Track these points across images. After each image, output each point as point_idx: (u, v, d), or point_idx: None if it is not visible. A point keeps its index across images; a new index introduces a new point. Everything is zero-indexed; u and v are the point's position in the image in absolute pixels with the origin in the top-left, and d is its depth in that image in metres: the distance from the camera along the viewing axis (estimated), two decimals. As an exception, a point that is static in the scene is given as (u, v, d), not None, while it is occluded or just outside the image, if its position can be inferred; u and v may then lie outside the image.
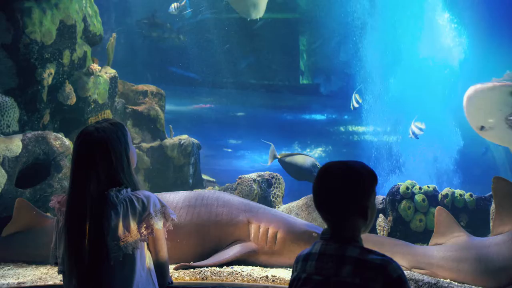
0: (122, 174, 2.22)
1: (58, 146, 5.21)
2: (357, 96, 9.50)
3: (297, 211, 5.66)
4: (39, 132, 5.23)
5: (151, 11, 11.32)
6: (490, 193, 5.41)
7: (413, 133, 8.96)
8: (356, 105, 9.51)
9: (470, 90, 3.78)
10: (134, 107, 7.76)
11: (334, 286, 1.73)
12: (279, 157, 7.27)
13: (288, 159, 7.28)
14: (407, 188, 5.54)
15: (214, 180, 8.45)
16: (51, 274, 3.93)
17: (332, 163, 1.88)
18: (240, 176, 6.36)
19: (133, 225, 2.15)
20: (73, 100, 6.05)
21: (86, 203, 2.11)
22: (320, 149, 14.47)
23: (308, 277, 1.80)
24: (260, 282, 3.68)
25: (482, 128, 4.04)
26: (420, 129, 8.91)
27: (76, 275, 2.12)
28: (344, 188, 1.80)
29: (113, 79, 6.81)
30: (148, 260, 2.23)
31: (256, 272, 3.87)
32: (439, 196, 5.51)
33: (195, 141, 7.82)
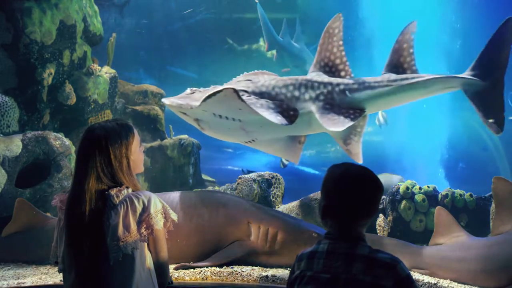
0: (122, 174, 2.22)
1: (58, 146, 5.21)
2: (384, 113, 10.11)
3: (297, 211, 5.66)
4: (39, 132, 5.23)
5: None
6: (490, 193, 5.41)
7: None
8: (382, 121, 10.25)
9: (164, 100, 4.39)
10: (134, 107, 7.76)
11: (345, 283, 1.75)
12: None
13: None
14: (407, 188, 5.54)
15: (214, 180, 8.44)
16: (51, 274, 3.93)
17: (347, 168, 1.91)
18: (240, 176, 6.35)
19: (133, 225, 2.15)
20: (73, 100, 6.05)
21: (85, 200, 2.12)
22: (320, 148, 14.47)
23: (315, 275, 1.82)
24: (260, 282, 3.68)
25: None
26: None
27: (75, 274, 2.12)
28: (364, 193, 1.87)
29: (113, 79, 6.81)
30: (148, 261, 2.23)
31: (256, 272, 3.87)
32: (439, 196, 5.51)
33: (195, 141, 7.81)
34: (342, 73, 4.43)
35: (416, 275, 4.09)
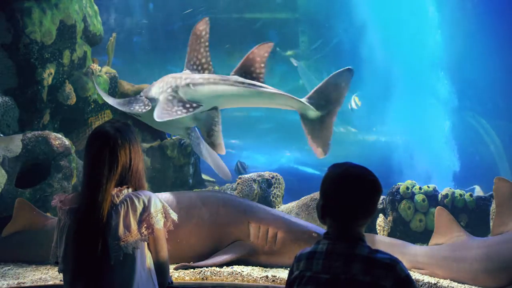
0: (136, 174, 2.24)
1: (58, 146, 5.20)
2: (356, 99, 10.16)
3: (297, 211, 5.66)
4: (39, 132, 5.22)
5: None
6: (490, 193, 5.42)
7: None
8: (354, 106, 10.20)
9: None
10: (134, 107, 7.73)
11: (344, 283, 1.74)
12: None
13: None
14: (407, 188, 5.54)
15: (214, 180, 8.42)
16: (51, 274, 3.93)
17: (346, 168, 1.90)
18: (240, 176, 6.35)
19: (134, 225, 2.15)
20: (73, 100, 6.04)
21: (107, 202, 2.12)
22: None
23: (314, 276, 1.81)
24: (260, 282, 3.68)
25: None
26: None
27: (77, 274, 2.12)
28: (363, 193, 1.85)
29: (113, 79, 6.81)
30: (149, 260, 2.23)
31: (256, 272, 3.87)
32: (439, 196, 5.51)
33: (195, 141, 7.80)
34: (206, 72, 4.74)
35: (416, 275, 4.09)
